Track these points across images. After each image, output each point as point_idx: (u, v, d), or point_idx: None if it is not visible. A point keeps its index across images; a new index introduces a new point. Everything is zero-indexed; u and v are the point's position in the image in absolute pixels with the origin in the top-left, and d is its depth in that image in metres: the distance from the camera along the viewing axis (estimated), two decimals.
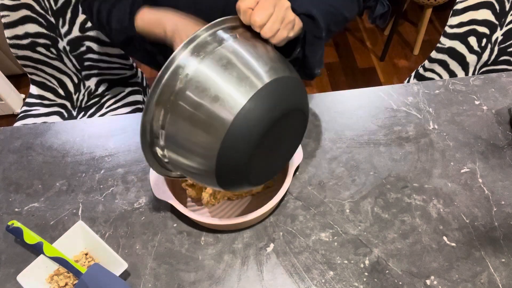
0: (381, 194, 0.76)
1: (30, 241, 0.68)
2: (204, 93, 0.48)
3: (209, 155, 0.50)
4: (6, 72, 1.90)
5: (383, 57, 2.13)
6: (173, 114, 0.50)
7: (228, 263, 0.69)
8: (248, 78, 0.49)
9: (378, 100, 0.90)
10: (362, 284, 0.66)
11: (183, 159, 0.53)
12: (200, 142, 0.50)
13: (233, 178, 0.55)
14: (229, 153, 0.50)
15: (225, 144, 0.49)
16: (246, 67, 0.50)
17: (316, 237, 0.71)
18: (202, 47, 0.50)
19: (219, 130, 0.49)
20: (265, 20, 0.53)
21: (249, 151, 0.52)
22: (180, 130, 0.50)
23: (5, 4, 1.10)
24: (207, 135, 0.49)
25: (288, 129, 0.57)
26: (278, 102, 0.52)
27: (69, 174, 0.81)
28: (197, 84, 0.49)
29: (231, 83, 0.49)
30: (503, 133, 0.84)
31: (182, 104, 0.49)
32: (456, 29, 1.14)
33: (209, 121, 0.49)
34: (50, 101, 1.32)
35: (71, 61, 1.27)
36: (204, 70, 0.49)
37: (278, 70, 0.52)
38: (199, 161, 0.52)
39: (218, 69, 0.49)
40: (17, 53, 1.19)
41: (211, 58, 0.50)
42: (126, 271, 0.67)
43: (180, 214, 0.71)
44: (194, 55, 0.50)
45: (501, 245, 0.69)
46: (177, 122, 0.50)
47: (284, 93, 0.53)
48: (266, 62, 0.52)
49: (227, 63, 0.50)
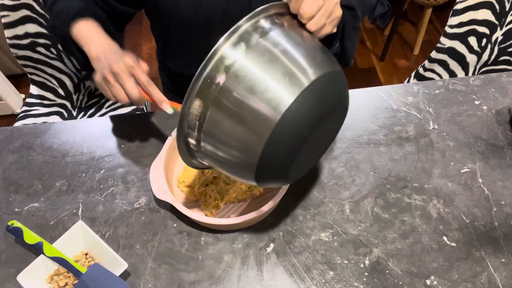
0: (381, 194, 0.76)
1: (30, 241, 0.68)
2: (250, 89, 0.46)
3: (251, 152, 0.49)
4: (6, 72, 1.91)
5: (383, 57, 2.13)
6: (215, 107, 0.48)
7: (228, 263, 0.69)
8: (295, 75, 0.47)
9: (378, 100, 0.90)
10: (362, 284, 0.66)
11: (222, 153, 0.51)
12: (243, 138, 0.48)
13: (272, 175, 0.53)
14: (273, 151, 0.49)
15: (270, 143, 0.48)
16: (292, 61, 0.48)
17: (316, 237, 0.71)
18: (246, 38, 0.48)
19: (265, 128, 0.47)
20: (315, 12, 0.52)
21: (293, 150, 0.50)
22: (222, 125, 0.48)
23: (5, 4, 1.10)
24: (251, 133, 0.48)
25: (329, 124, 0.55)
26: (324, 100, 0.50)
27: (69, 174, 0.81)
28: (242, 78, 0.46)
29: (277, 79, 0.46)
30: (503, 133, 0.84)
31: (226, 98, 0.47)
32: (456, 29, 1.14)
33: (254, 119, 0.47)
34: (50, 101, 1.32)
35: (71, 61, 1.27)
36: (250, 63, 0.47)
37: (323, 65, 0.50)
38: (240, 157, 0.50)
39: (265, 62, 0.47)
40: (17, 53, 1.19)
41: (257, 49, 0.47)
42: (126, 271, 0.67)
43: (180, 214, 0.71)
44: (239, 46, 0.47)
45: (501, 245, 0.69)
46: (219, 116, 0.48)
47: (329, 90, 0.51)
48: (313, 56, 0.50)
49: (274, 55, 0.47)
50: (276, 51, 0.48)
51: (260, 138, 0.48)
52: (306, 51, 0.50)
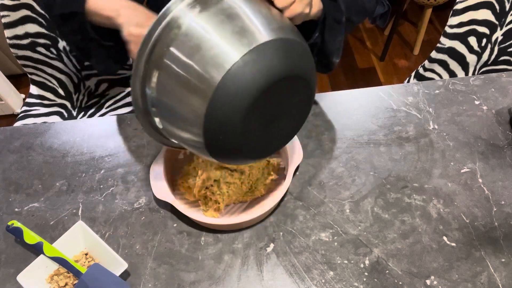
0: (381, 194, 0.76)
1: (30, 241, 0.68)
2: (197, 46, 0.43)
3: (197, 117, 0.45)
4: (6, 72, 1.91)
5: (383, 57, 2.13)
6: (162, 74, 0.45)
7: (228, 263, 0.69)
8: (247, 32, 0.43)
9: (378, 100, 0.90)
10: (362, 284, 0.66)
11: (173, 126, 0.48)
12: (187, 105, 0.45)
13: (224, 145, 0.48)
14: (217, 115, 0.44)
15: (212, 106, 0.43)
16: (245, 22, 0.44)
17: (316, 237, 0.71)
18: None
19: (206, 90, 0.43)
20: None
21: (240, 115, 0.45)
22: (169, 93, 0.45)
23: (5, 4, 1.10)
24: (194, 97, 0.44)
25: (290, 99, 0.50)
26: (278, 63, 0.45)
27: (69, 174, 0.81)
28: (189, 39, 0.43)
29: (225, 37, 0.43)
30: (503, 133, 0.84)
31: (174, 58, 0.44)
32: (456, 29, 1.14)
33: (197, 81, 0.43)
34: (50, 101, 1.32)
35: (71, 61, 1.27)
36: (200, 23, 0.43)
37: (284, 31, 0.46)
38: (188, 127, 0.47)
39: (216, 23, 0.44)
40: (17, 53, 1.19)
41: (213, 10, 0.44)
42: (126, 271, 0.67)
43: (180, 214, 0.71)
44: (191, 7, 0.44)
45: (501, 245, 0.69)
46: (167, 84, 0.45)
47: (283, 56, 0.46)
48: (273, 21, 0.46)
49: (228, 16, 0.44)
50: (233, 12, 0.45)
51: (203, 101, 0.44)
52: (268, 16, 0.46)
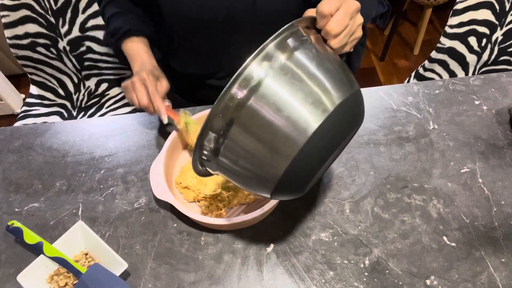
0: (381, 194, 0.76)
1: (30, 241, 0.68)
2: (276, 110, 0.46)
3: (273, 172, 0.49)
4: (6, 72, 1.91)
5: (383, 57, 2.13)
6: (238, 125, 0.48)
7: (228, 263, 0.69)
8: (321, 98, 0.47)
9: (378, 100, 0.90)
10: (362, 284, 0.66)
11: (240, 169, 0.52)
12: (266, 158, 0.48)
13: (289, 192, 0.54)
14: (295, 172, 0.49)
15: (292, 164, 0.48)
16: (318, 82, 0.48)
17: (316, 237, 0.71)
18: (273, 56, 0.47)
19: (289, 151, 0.47)
20: (340, 31, 0.52)
21: (314, 170, 0.52)
22: (244, 143, 0.49)
23: (5, 4, 1.10)
24: (275, 154, 0.48)
25: (345, 140, 0.56)
26: (347, 123, 0.51)
27: (69, 174, 0.81)
28: (268, 99, 0.46)
29: (303, 102, 0.47)
30: (503, 133, 0.84)
31: (251, 117, 0.47)
32: (456, 29, 1.14)
33: (279, 141, 0.47)
34: (50, 101, 1.32)
35: (71, 61, 1.27)
36: (276, 84, 0.47)
37: (347, 87, 0.50)
38: (259, 175, 0.51)
39: (290, 85, 0.47)
40: (17, 53, 1.19)
41: (283, 70, 0.47)
42: (126, 271, 0.67)
43: (180, 214, 0.71)
44: (265, 65, 0.47)
45: (501, 245, 0.69)
46: (242, 134, 0.48)
47: (352, 112, 0.52)
48: (337, 77, 0.50)
49: (300, 77, 0.47)
50: (302, 71, 0.48)
51: (284, 161, 0.48)
52: (331, 72, 0.50)
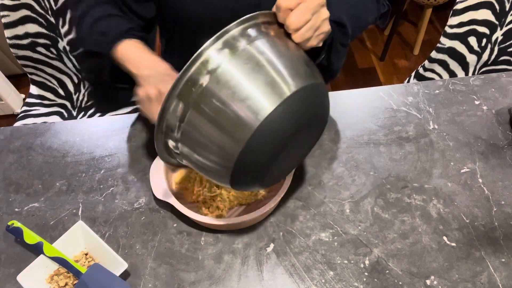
0: (381, 194, 0.76)
1: (30, 241, 0.68)
2: (231, 94, 0.47)
3: (228, 156, 0.49)
4: (6, 72, 1.91)
5: (383, 57, 2.13)
6: (194, 109, 0.48)
7: (228, 263, 0.69)
8: (277, 84, 0.48)
9: (378, 100, 0.90)
10: (362, 284, 0.66)
11: (198, 156, 0.52)
12: (220, 142, 0.49)
13: (247, 181, 0.54)
14: (249, 157, 0.49)
15: (247, 149, 0.48)
16: (276, 70, 0.49)
17: (316, 237, 0.71)
18: (232, 43, 0.48)
19: (243, 134, 0.48)
20: (301, 25, 0.53)
21: (270, 158, 0.51)
22: (200, 127, 0.49)
23: (5, 4, 1.10)
24: (229, 137, 0.48)
25: (307, 134, 0.56)
26: (303, 112, 0.51)
27: (69, 174, 0.81)
28: (224, 83, 0.47)
29: (259, 87, 0.47)
30: (503, 133, 0.84)
31: (206, 102, 0.48)
32: (456, 29, 1.14)
33: (233, 124, 0.48)
34: (50, 101, 1.32)
35: (71, 61, 1.27)
36: (234, 68, 0.47)
37: (306, 77, 0.51)
38: (215, 160, 0.51)
39: (248, 69, 0.48)
40: (17, 53, 1.19)
41: (242, 56, 0.48)
42: (126, 271, 0.67)
43: (180, 214, 0.71)
44: (224, 51, 0.48)
45: (501, 245, 0.69)
46: (198, 119, 0.49)
47: (309, 102, 0.52)
48: (296, 67, 0.51)
49: (258, 63, 0.48)
50: (261, 59, 0.49)
51: (237, 144, 0.48)
52: (290, 62, 0.51)
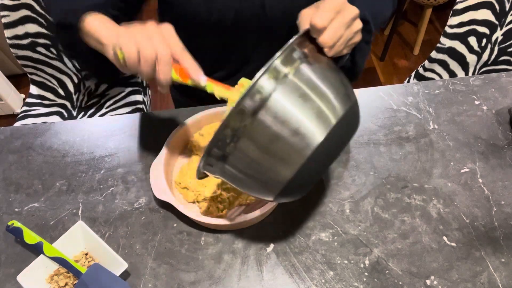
0: (381, 194, 0.76)
1: (30, 241, 0.68)
2: (283, 124, 0.49)
3: (277, 181, 0.52)
4: (6, 72, 1.91)
5: (383, 57, 2.13)
6: (247, 137, 0.50)
7: (228, 263, 0.69)
8: (324, 111, 0.50)
9: (378, 100, 0.90)
10: (362, 284, 0.66)
11: (246, 177, 0.54)
12: (272, 167, 0.51)
13: (291, 197, 0.57)
14: (298, 181, 0.52)
15: (296, 176, 0.51)
16: (321, 96, 0.51)
17: (316, 237, 0.71)
18: (279, 72, 0.49)
19: (294, 163, 0.50)
20: (335, 41, 0.53)
21: (317, 177, 0.56)
22: (252, 153, 0.51)
23: (5, 4, 1.10)
24: (280, 166, 0.51)
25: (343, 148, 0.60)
26: (347, 132, 0.55)
27: (69, 174, 0.81)
28: (276, 113, 0.49)
29: (309, 116, 0.50)
30: (503, 133, 0.84)
31: (260, 130, 0.49)
32: (456, 29, 1.14)
33: (285, 153, 0.50)
34: (50, 101, 1.32)
35: (71, 61, 1.27)
36: (284, 98, 0.49)
37: (346, 99, 0.53)
38: (264, 184, 0.53)
39: (297, 99, 0.50)
40: (17, 53, 1.19)
41: (289, 85, 0.50)
42: (126, 271, 0.67)
43: (180, 214, 0.71)
44: (273, 81, 0.49)
45: (501, 245, 0.69)
46: (251, 145, 0.50)
47: (351, 122, 0.55)
48: (337, 89, 0.53)
49: (305, 91, 0.50)
50: (306, 86, 0.50)
51: (287, 172, 0.51)
52: (331, 86, 0.52)
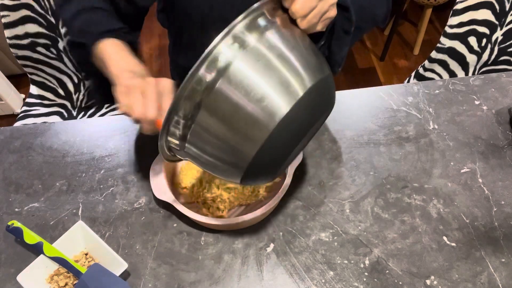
0: (381, 194, 0.76)
1: (30, 241, 0.68)
2: (245, 94, 0.45)
3: (242, 157, 0.48)
4: (6, 72, 1.90)
5: (383, 57, 2.13)
6: (206, 110, 0.46)
7: (228, 263, 0.69)
8: (291, 81, 0.47)
9: (378, 100, 0.90)
10: (362, 284, 0.66)
11: (208, 157, 0.50)
12: (234, 144, 0.47)
13: (259, 178, 0.53)
14: (264, 157, 0.48)
15: (262, 150, 0.47)
16: (288, 66, 0.47)
17: (316, 237, 0.71)
18: (242, 38, 0.46)
19: (259, 135, 0.46)
20: (307, 12, 0.51)
21: (284, 155, 0.51)
22: (212, 128, 0.47)
23: (5, 4, 1.10)
24: (244, 139, 0.47)
25: (317, 124, 0.55)
26: (317, 107, 0.50)
27: (69, 174, 0.81)
28: (238, 82, 0.45)
29: (274, 85, 0.46)
30: (503, 133, 0.84)
31: (219, 102, 0.46)
32: (456, 29, 1.14)
33: (248, 125, 0.46)
34: (50, 101, 1.32)
35: (71, 61, 1.27)
36: (246, 66, 0.45)
37: (317, 71, 0.49)
38: (228, 161, 0.49)
39: (261, 67, 0.46)
40: (17, 53, 1.19)
41: (253, 52, 0.46)
42: (126, 271, 0.67)
43: (180, 214, 0.71)
44: (234, 47, 0.45)
45: (501, 245, 0.69)
46: (210, 120, 0.47)
47: (322, 96, 0.51)
48: (307, 61, 0.49)
49: (270, 60, 0.46)
50: (272, 54, 0.47)
51: (253, 146, 0.47)
52: (300, 56, 0.49)
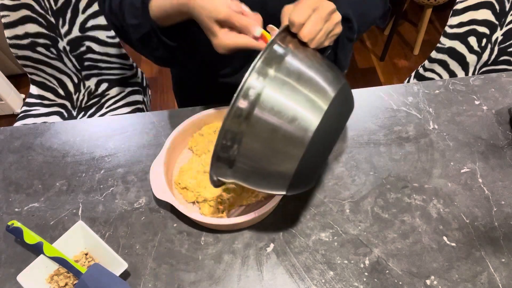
0: (381, 194, 0.76)
1: (30, 241, 0.68)
2: (279, 117, 0.51)
3: (285, 174, 0.53)
4: (6, 72, 1.91)
5: (383, 57, 2.13)
6: (249, 136, 0.52)
7: (228, 263, 0.69)
8: (315, 97, 0.52)
9: (378, 100, 0.90)
10: (362, 284, 0.66)
11: (255, 177, 0.56)
12: (277, 163, 0.53)
13: (302, 186, 0.58)
14: (304, 169, 0.53)
15: (302, 163, 0.52)
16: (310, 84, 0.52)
17: (316, 237, 0.71)
18: (266, 70, 0.51)
19: (297, 151, 0.52)
20: (315, 35, 0.55)
21: (320, 162, 0.57)
22: (257, 150, 0.53)
23: (5, 4, 1.10)
24: (285, 157, 0.53)
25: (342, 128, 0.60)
26: (341, 114, 0.56)
27: (69, 174, 0.81)
28: (270, 109, 0.51)
29: (302, 104, 0.51)
30: (503, 133, 0.84)
31: (258, 129, 0.51)
32: (456, 29, 1.14)
33: (287, 145, 0.52)
34: (50, 101, 1.32)
35: (71, 61, 1.27)
36: (274, 93, 0.51)
37: (335, 82, 0.54)
38: (273, 179, 0.55)
39: (287, 91, 0.51)
40: (17, 53, 1.19)
41: (278, 80, 0.51)
42: (126, 271, 0.67)
43: (180, 214, 0.71)
44: (260, 80, 0.51)
45: (501, 245, 0.69)
46: (254, 143, 0.52)
47: (344, 103, 0.56)
48: (325, 74, 0.54)
49: (293, 83, 0.52)
50: (294, 77, 0.52)
51: (293, 162, 0.52)
52: (318, 72, 0.54)
